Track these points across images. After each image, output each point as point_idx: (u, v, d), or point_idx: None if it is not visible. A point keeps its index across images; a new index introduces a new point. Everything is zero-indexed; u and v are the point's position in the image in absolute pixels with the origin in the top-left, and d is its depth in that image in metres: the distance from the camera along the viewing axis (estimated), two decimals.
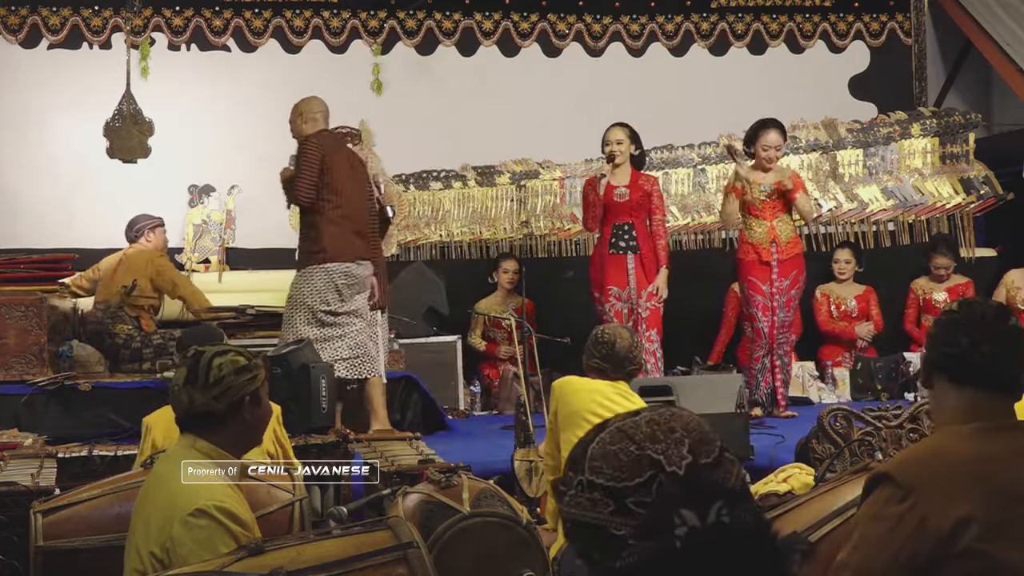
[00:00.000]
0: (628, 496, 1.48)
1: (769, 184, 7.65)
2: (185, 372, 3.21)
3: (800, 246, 7.82)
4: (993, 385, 2.49)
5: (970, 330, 2.52)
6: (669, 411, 1.57)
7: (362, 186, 6.95)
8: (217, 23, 10.11)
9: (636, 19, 10.73)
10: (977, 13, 10.35)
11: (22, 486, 4.68)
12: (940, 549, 2.23)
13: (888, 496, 2.31)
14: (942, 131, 9.96)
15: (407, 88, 10.24)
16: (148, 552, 3.02)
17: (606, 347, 4.75)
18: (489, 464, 5.74)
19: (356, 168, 6.96)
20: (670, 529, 1.46)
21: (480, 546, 3.74)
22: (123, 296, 7.84)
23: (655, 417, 1.55)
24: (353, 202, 6.87)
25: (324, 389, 6.33)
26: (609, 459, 1.51)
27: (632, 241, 7.56)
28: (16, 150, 9.72)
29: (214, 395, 3.16)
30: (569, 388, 4.67)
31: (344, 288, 6.81)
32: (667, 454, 1.50)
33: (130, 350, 7.75)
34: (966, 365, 2.50)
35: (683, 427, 1.54)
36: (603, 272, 7.56)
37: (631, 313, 7.48)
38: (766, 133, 7.66)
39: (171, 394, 3.26)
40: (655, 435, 1.52)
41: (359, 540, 2.74)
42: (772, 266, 7.59)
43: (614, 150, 7.56)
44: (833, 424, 5.39)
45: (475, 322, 9.09)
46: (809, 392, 8.47)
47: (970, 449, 2.37)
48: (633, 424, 1.54)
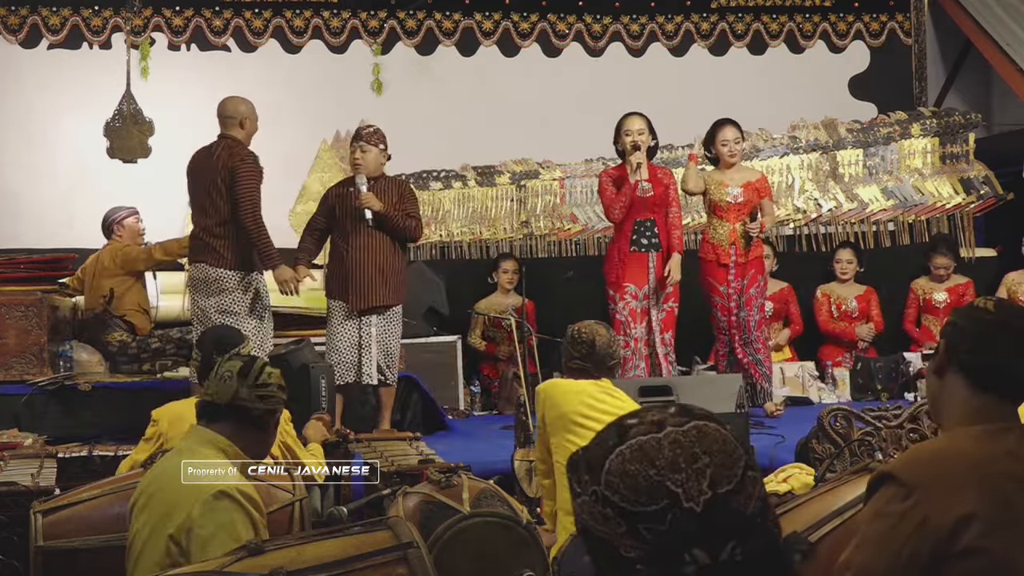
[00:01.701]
0: (641, 522, 1.45)
1: (737, 186, 7.64)
2: (239, 365, 3.38)
3: (761, 249, 7.81)
4: (1011, 395, 2.47)
5: (1012, 343, 2.44)
6: (695, 429, 1.50)
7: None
8: (217, 23, 10.11)
9: (636, 19, 10.73)
10: (977, 13, 10.35)
11: (22, 486, 4.68)
12: (941, 548, 2.22)
13: (891, 495, 2.29)
14: (942, 131, 9.96)
15: (407, 88, 10.24)
16: (167, 536, 3.04)
17: (585, 346, 4.67)
18: (489, 464, 5.74)
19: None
20: (679, 564, 1.44)
21: (480, 546, 3.74)
22: (105, 306, 7.85)
23: (680, 438, 1.48)
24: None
25: (324, 389, 6.33)
26: (626, 479, 1.47)
27: (655, 238, 7.42)
28: (16, 150, 9.72)
29: (259, 395, 3.34)
30: (555, 391, 4.62)
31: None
32: (686, 487, 1.45)
33: (126, 356, 7.75)
34: (997, 375, 2.44)
35: (707, 451, 1.48)
36: (622, 269, 7.39)
37: (644, 313, 7.36)
38: (722, 129, 7.70)
39: (217, 379, 3.38)
40: (676, 463, 1.47)
41: (359, 540, 2.74)
42: (729, 268, 7.59)
43: (637, 140, 7.36)
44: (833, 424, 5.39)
45: (475, 322, 9.09)
46: (809, 392, 8.47)
47: (975, 450, 2.36)
48: (656, 445, 1.48)
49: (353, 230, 7.05)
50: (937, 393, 2.54)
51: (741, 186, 7.66)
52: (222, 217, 6.80)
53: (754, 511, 1.47)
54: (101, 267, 8.04)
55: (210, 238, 6.84)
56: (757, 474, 1.51)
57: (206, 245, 6.85)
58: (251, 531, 3.00)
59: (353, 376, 7.01)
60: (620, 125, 7.49)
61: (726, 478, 1.47)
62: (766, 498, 1.52)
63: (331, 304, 7.13)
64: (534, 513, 4.88)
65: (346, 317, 7.01)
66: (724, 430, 1.51)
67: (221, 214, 6.81)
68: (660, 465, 1.46)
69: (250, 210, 6.71)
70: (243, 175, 6.73)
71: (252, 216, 6.72)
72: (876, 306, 9.33)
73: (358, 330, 7.02)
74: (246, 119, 6.92)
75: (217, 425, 3.33)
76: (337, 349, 7.01)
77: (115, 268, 7.99)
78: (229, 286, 6.80)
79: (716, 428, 1.51)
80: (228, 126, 6.93)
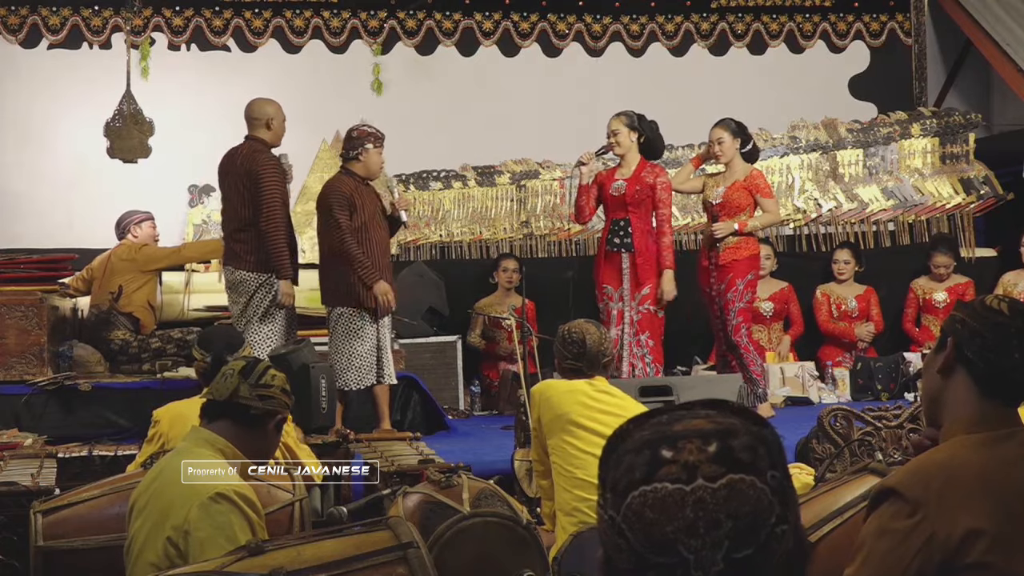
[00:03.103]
0: (649, 569, 1.39)
1: (722, 187, 7.48)
2: (242, 365, 3.42)
3: (742, 251, 7.42)
4: (1018, 400, 2.39)
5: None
6: (727, 487, 1.38)
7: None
8: (217, 23, 10.11)
9: (636, 19, 10.72)
10: (977, 13, 10.35)
11: (22, 486, 4.68)
12: (949, 562, 2.19)
13: (895, 511, 2.23)
14: (942, 131, 9.96)
15: (407, 88, 10.24)
16: (164, 538, 3.04)
17: (577, 346, 4.64)
18: (489, 464, 5.74)
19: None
20: None
21: (480, 546, 3.74)
22: (111, 303, 7.85)
23: (706, 498, 1.37)
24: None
25: (324, 389, 6.32)
26: (642, 525, 1.39)
27: (627, 238, 7.27)
28: (16, 150, 9.72)
29: (259, 394, 3.36)
30: (550, 392, 4.61)
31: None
32: (699, 555, 1.37)
33: (127, 355, 7.75)
34: (1011, 383, 2.37)
35: (734, 514, 1.37)
36: (599, 269, 7.38)
37: (621, 314, 7.24)
38: (712, 130, 7.56)
39: (220, 377, 3.40)
40: (695, 528, 1.37)
41: (359, 540, 2.74)
42: (709, 269, 7.49)
43: (611, 142, 7.36)
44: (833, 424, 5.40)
45: (475, 322, 9.10)
46: (809, 392, 8.46)
47: (979, 460, 2.29)
48: (679, 500, 1.38)
49: (378, 235, 7.01)
50: (938, 393, 2.43)
51: (725, 187, 7.49)
52: (243, 221, 6.81)
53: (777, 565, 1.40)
54: (116, 265, 8.03)
55: (233, 242, 6.89)
56: (790, 527, 1.40)
57: (230, 248, 6.92)
58: (249, 533, 3.00)
59: (374, 378, 6.95)
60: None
61: (747, 543, 1.37)
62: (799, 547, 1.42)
63: (349, 311, 6.92)
64: (534, 513, 4.88)
65: (367, 321, 6.93)
66: (763, 483, 1.39)
67: (241, 218, 6.82)
68: (677, 525, 1.37)
69: (269, 216, 6.71)
70: (264, 181, 6.73)
71: (271, 223, 6.71)
72: (876, 306, 9.33)
73: (377, 332, 6.97)
74: (272, 120, 6.92)
75: (216, 425, 3.34)
76: (359, 353, 6.88)
77: (131, 265, 7.99)
78: (250, 288, 6.81)
79: (752, 483, 1.38)
80: (254, 128, 6.94)
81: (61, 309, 7.93)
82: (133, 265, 8.01)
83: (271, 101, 7.03)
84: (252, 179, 6.75)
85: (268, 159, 6.83)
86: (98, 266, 8.20)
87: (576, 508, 4.39)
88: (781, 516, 1.39)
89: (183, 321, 8.23)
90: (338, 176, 7.04)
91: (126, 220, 8.37)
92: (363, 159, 6.94)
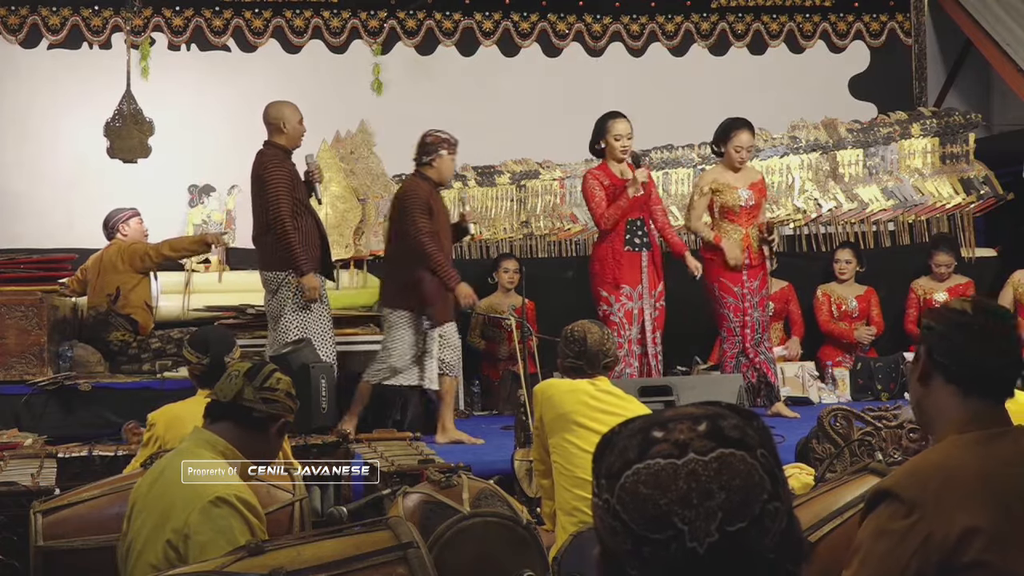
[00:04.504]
0: (645, 545, 1.41)
1: (745, 188, 7.59)
2: (248, 367, 3.43)
3: (764, 250, 7.74)
4: (1000, 396, 2.42)
5: (996, 346, 2.39)
6: (718, 460, 1.41)
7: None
8: (217, 23, 10.11)
9: (636, 19, 10.72)
10: (977, 13, 10.35)
11: (22, 486, 4.68)
12: (946, 562, 2.19)
13: (892, 512, 2.25)
14: (942, 131, 9.96)
15: (407, 88, 10.23)
16: (164, 540, 3.04)
17: (578, 345, 4.66)
18: (489, 464, 5.75)
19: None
20: None
21: (480, 546, 3.74)
22: (110, 305, 7.86)
23: (698, 469, 1.40)
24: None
25: (324, 389, 6.33)
26: (636, 501, 1.41)
27: (646, 237, 7.41)
28: (16, 150, 9.71)
29: (263, 397, 3.37)
30: (552, 391, 4.62)
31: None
32: (693, 525, 1.38)
33: (127, 356, 7.75)
34: (985, 380, 2.39)
35: (725, 486, 1.39)
36: (617, 269, 7.37)
37: (641, 313, 7.34)
38: (738, 133, 7.58)
39: (225, 378, 3.42)
40: (688, 498, 1.39)
41: (359, 540, 2.74)
42: (742, 270, 7.57)
43: (626, 145, 7.40)
44: (833, 424, 5.39)
45: (475, 322, 9.09)
46: (809, 392, 8.47)
47: (974, 459, 2.31)
48: (672, 473, 1.40)
49: (447, 242, 7.21)
50: (922, 400, 2.46)
51: (748, 188, 7.64)
52: (262, 224, 6.98)
53: (771, 545, 1.41)
54: (107, 265, 8.05)
55: (257, 245, 7.11)
56: (782, 504, 1.43)
57: (257, 251, 7.13)
58: (249, 537, 2.99)
59: (417, 379, 7.07)
60: (605, 126, 7.45)
61: (741, 516, 1.39)
62: (791, 530, 1.45)
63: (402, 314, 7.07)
64: (534, 513, 4.88)
65: (416, 326, 7.04)
66: (753, 458, 1.42)
67: (261, 222, 6.99)
68: (671, 497, 1.39)
69: (276, 217, 6.86)
70: (268, 183, 6.89)
71: (278, 222, 6.86)
72: (876, 306, 9.33)
73: (424, 337, 7.05)
74: (286, 122, 7.02)
75: (219, 426, 3.34)
76: (404, 356, 7.02)
77: (123, 266, 8.00)
78: (272, 288, 6.96)
79: (742, 457, 1.41)
80: (270, 132, 7.09)
81: (61, 309, 7.93)
82: (125, 266, 8.01)
83: (286, 103, 7.12)
84: (259, 184, 6.94)
85: (270, 162, 6.95)
86: (91, 266, 8.20)
87: (576, 508, 4.39)
88: (773, 493, 1.42)
89: (183, 321, 8.22)
90: (414, 180, 7.15)
91: (113, 219, 8.40)
92: (436, 164, 7.07)
